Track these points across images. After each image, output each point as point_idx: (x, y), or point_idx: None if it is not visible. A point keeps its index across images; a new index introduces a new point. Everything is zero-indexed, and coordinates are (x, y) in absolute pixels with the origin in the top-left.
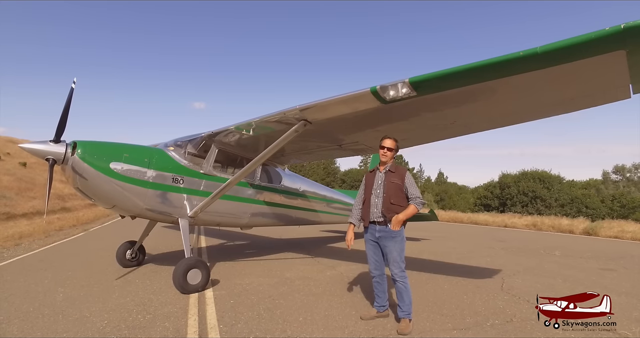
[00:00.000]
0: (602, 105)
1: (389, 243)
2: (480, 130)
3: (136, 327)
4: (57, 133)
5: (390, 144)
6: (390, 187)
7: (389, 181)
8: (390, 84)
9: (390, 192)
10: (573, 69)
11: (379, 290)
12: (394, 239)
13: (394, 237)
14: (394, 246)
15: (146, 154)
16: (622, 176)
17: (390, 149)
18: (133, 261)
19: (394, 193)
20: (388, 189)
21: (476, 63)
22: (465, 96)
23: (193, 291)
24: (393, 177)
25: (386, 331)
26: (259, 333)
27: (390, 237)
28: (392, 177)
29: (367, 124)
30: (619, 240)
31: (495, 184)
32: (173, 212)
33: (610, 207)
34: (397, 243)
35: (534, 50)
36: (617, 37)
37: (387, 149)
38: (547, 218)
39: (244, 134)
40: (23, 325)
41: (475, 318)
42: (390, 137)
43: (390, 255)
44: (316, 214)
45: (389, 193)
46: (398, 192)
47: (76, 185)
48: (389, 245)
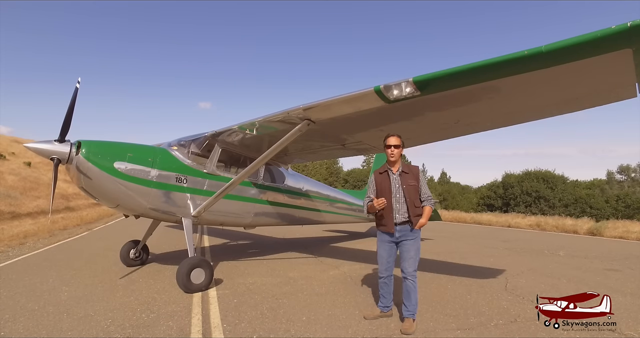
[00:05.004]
0: (607, 105)
1: (409, 242)
2: (484, 130)
3: (140, 325)
4: (61, 133)
5: (395, 141)
6: (410, 190)
7: (408, 184)
8: (394, 83)
9: (411, 196)
10: (578, 68)
11: (385, 291)
12: (415, 238)
13: (415, 236)
14: (413, 245)
15: (150, 153)
16: (626, 176)
17: (397, 145)
18: (137, 260)
19: (415, 197)
20: (409, 193)
21: (480, 62)
22: (469, 95)
23: (196, 290)
24: (409, 178)
25: (390, 331)
26: (263, 333)
27: (412, 236)
28: (408, 179)
29: (370, 124)
30: (623, 241)
31: (498, 184)
32: (177, 211)
33: (615, 207)
34: (416, 242)
35: (539, 49)
36: (624, 35)
37: (394, 147)
38: (550, 219)
39: (248, 133)
40: (28, 323)
41: (479, 318)
42: (393, 134)
43: (407, 254)
44: (319, 214)
45: (411, 198)
46: (417, 194)
47: (80, 184)
48: (409, 244)
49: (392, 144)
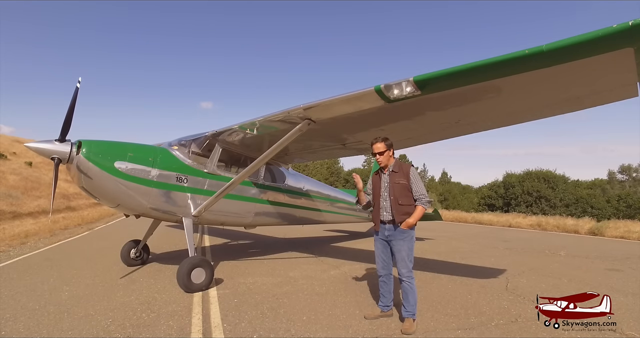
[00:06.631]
0: (608, 104)
1: (398, 243)
2: (485, 129)
3: (140, 325)
4: (62, 132)
5: (380, 148)
6: (396, 188)
7: (394, 182)
8: (395, 82)
9: (396, 193)
10: (579, 67)
11: (385, 290)
12: (404, 238)
13: (404, 236)
14: (402, 245)
15: (150, 153)
16: (628, 176)
17: (382, 152)
18: (137, 260)
19: (400, 194)
20: (394, 191)
21: (481, 61)
22: (470, 95)
23: (197, 290)
24: (397, 177)
25: (390, 330)
26: (263, 332)
27: (400, 236)
28: (396, 177)
29: (371, 123)
30: (625, 241)
31: (499, 184)
32: (177, 211)
33: (616, 207)
34: (406, 243)
35: (540, 48)
36: (625, 34)
37: (379, 154)
38: (551, 218)
39: (248, 133)
40: (29, 322)
41: (479, 318)
42: (377, 140)
43: (398, 255)
44: (320, 213)
45: (396, 195)
46: (404, 191)
47: (81, 184)
48: (398, 244)
49: (376, 152)
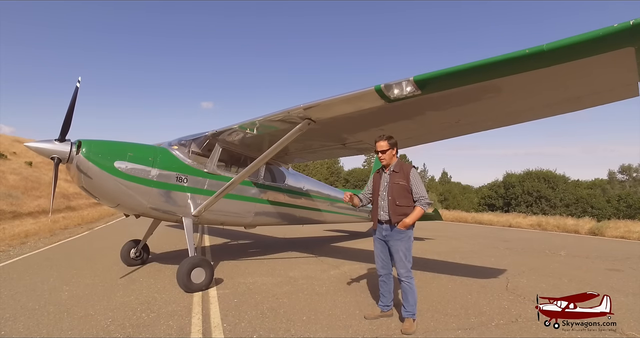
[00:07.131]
0: (609, 104)
1: (395, 243)
2: (485, 129)
3: (140, 325)
4: (62, 132)
5: (383, 146)
6: (394, 188)
7: (393, 182)
8: (395, 82)
9: (394, 193)
10: (580, 67)
11: (385, 289)
12: (401, 239)
13: (401, 236)
14: (400, 245)
15: (150, 152)
16: (628, 176)
17: (384, 150)
18: (137, 260)
19: (399, 195)
20: (392, 191)
21: (481, 61)
22: (470, 95)
23: (197, 290)
24: (397, 177)
25: (390, 330)
26: (263, 332)
27: (397, 236)
28: (396, 178)
29: (371, 123)
30: (625, 241)
31: (499, 184)
32: (177, 211)
33: (617, 207)
34: (403, 243)
35: (540, 47)
36: (626, 33)
37: (381, 152)
38: (552, 218)
39: (248, 132)
40: (29, 322)
41: (479, 318)
42: (381, 138)
43: (396, 255)
44: (320, 213)
45: (394, 195)
46: (403, 192)
47: (81, 184)
48: (395, 245)
49: (379, 149)
